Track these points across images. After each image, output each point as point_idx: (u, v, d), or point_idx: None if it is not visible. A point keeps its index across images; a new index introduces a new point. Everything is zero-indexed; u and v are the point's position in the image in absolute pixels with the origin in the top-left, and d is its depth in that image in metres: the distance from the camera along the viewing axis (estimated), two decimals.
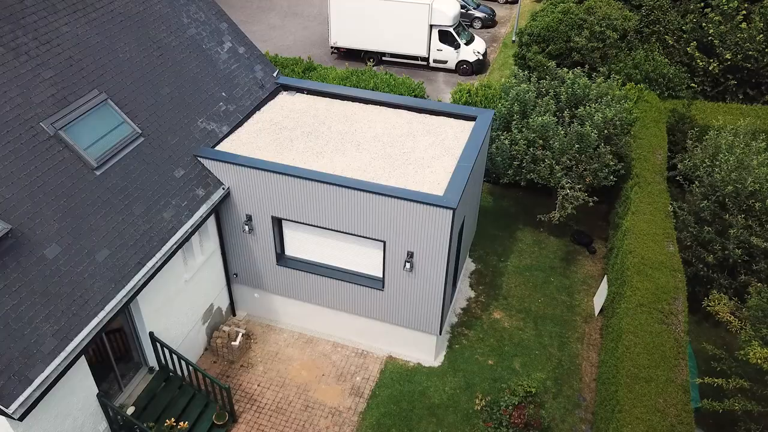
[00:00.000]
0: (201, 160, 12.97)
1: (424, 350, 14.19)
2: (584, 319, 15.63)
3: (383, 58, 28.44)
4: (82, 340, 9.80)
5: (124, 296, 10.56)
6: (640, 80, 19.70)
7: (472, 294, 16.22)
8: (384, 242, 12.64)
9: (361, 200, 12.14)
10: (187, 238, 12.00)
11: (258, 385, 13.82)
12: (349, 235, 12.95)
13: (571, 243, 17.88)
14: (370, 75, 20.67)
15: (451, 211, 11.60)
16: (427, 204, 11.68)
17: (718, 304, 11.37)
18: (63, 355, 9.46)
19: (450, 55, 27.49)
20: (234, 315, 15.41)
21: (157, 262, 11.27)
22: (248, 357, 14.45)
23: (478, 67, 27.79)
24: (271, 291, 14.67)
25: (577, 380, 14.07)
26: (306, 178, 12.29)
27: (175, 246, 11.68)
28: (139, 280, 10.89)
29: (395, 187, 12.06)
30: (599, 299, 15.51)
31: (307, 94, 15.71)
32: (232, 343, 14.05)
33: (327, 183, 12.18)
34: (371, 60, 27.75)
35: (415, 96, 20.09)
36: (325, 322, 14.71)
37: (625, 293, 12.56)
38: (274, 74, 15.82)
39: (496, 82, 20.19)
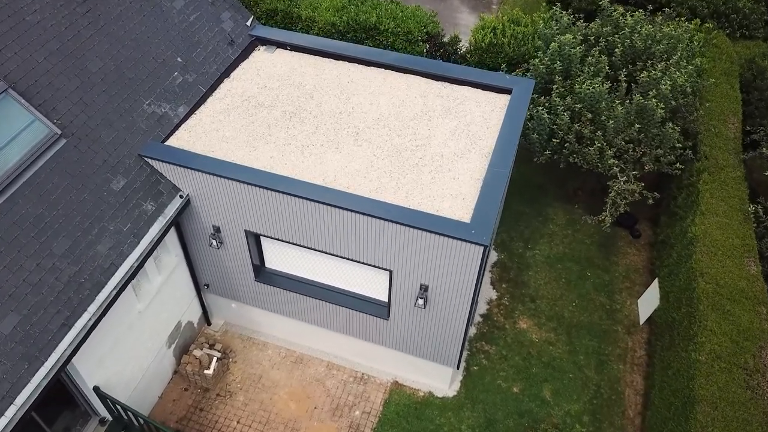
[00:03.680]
0: (148, 160, 9.81)
1: (436, 377, 11.76)
2: (626, 329, 13.09)
3: None
4: None
5: (45, 376, 7.90)
6: (707, 16, 15.88)
7: (495, 295, 13.58)
8: (390, 272, 9.81)
9: (359, 224, 9.16)
10: (133, 274, 9.15)
11: (238, 422, 11.52)
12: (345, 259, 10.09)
13: (610, 224, 14.98)
14: (372, 5, 16.72)
15: (482, 248, 8.67)
16: (448, 237, 8.72)
17: None
18: None
19: None
20: (209, 324, 12.86)
21: (91, 318, 8.49)
22: (226, 382, 12.06)
23: None
24: (250, 304, 12.03)
25: (618, 414, 11.77)
26: (285, 193, 9.23)
27: (116, 290, 8.85)
28: (66, 348, 8.17)
29: (405, 208, 9.02)
30: (646, 305, 12.89)
31: (290, 50, 12.16)
32: (206, 371, 11.59)
33: (313, 201, 9.14)
34: None
35: (427, 33, 16.31)
36: (317, 338, 12.18)
37: (697, 337, 9.88)
38: (248, 23, 12.17)
39: (524, 14, 16.29)
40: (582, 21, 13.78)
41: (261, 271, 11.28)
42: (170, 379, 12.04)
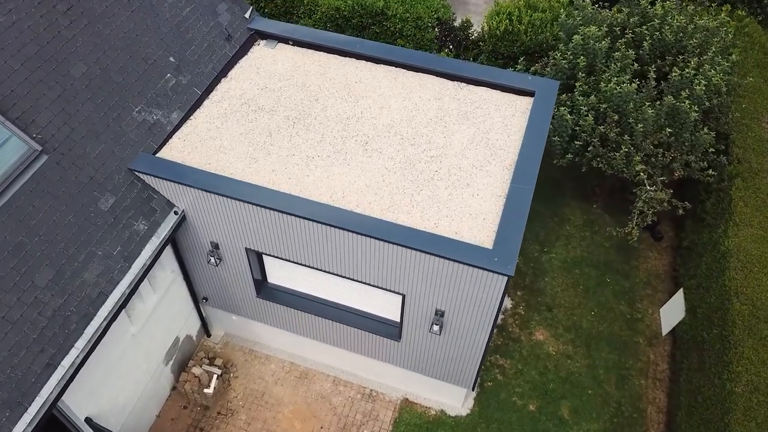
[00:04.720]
0: (139, 174, 8.99)
1: (449, 394, 11.14)
2: (648, 341, 12.44)
3: None
4: None
5: (29, 423, 7.23)
6: (737, 0, 14.83)
7: (509, 303, 12.89)
8: (403, 295, 9.08)
9: (370, 248, 8.40)
10: (126, 300, 8.42)
11: None
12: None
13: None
14: None
15: (506, 278, 7.93)
16: (468, 265, 7.97)
17: None
18: None
19: None
20: (208, 336, 12.19)
21: (80, 354, 7.79)
22: (227, 399, 11.45)
23: None
24: (252, 318, 11.34)
25: None
26: (289, 213, 8.44)
27: (106, 320, 8.13)
28: (53, 390, 7.49)
29: (420, 231, 8.24)
30: (669, 316, 12.21)
31: (292, 45, 11.21)
32: (205, 390, 10.97)
33: (320, 223, 8.36)
34: None
35: (438, 20, 15.29)
36: (323, 352, 11.53)
37: (732, 365, 9.20)
38: (246, 15, 11.19)
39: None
40: (608, 10, 12.75)
41: (263, 287, 10.56)
42: (168, 396, 11.43)
